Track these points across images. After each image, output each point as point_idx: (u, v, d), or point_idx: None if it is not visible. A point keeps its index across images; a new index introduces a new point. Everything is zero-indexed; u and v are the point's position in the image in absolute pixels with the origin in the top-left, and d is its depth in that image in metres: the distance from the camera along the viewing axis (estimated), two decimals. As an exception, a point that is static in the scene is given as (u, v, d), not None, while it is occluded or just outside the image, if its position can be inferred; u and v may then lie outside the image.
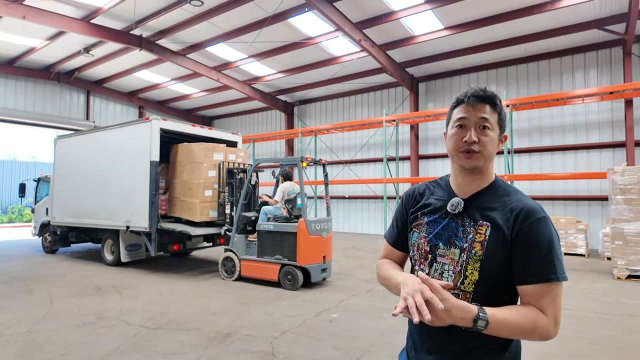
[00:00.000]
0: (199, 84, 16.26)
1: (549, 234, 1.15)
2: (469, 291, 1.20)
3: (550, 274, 1.13)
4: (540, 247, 1.14)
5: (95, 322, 4.78)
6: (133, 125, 8.17)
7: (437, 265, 1.26)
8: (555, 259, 1.14)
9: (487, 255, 1.17)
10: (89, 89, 16.81)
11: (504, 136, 1.27)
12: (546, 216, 1.17)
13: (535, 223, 1.15)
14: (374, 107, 15.44)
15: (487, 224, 1.20)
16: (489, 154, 1.22)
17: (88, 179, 8.93)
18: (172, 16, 11.04)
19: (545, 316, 1.12)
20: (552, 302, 1.13)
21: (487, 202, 1.23)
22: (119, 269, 8.20)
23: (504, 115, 1.26)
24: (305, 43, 11.97)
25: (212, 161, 7.93)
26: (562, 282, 1.14)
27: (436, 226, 1.28)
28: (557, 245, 1.16)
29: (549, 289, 1.13)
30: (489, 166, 1.25)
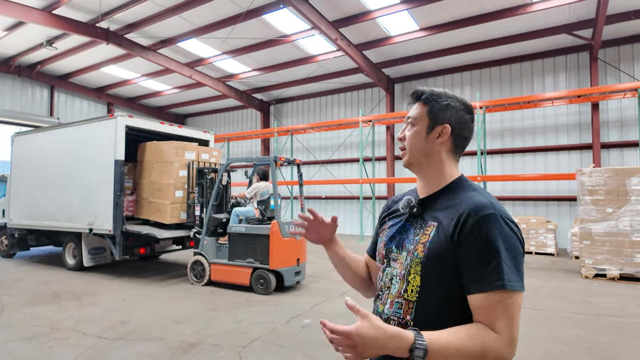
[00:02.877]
0: (170, 80, 15.73)
1: (495, 234, 0.98)
2: (412, 300, 1.07)
3: (494, 280, 0.95)
4: (485, 249, 0.97)
5: (49, 334, 4.44)
6: (97, 122, 7.75)
7: (388, 270, 1.16)
8: (504, 264, 0.96)
9: (427, 257, 1.05)
10: (52, 83, 15.96)
11: (442, 127, 1.13)
12: (494, 213, 1.00)
13: (481, 221, 0.99)
14: (351, 107, 15.38)
15: (434, 224, 1.08)
16: (412, 146, 1.15)
17: (48, 179, 8.42)
18: (141, 9, 10.58)
19: (497, 334, 0.95)
20: (503, 316, 0.95)
21: (442, 202, 1.11)
22: (81, 274, 7.75)
23: (437, 107, 1.14)
24: (280, 41, 11.75)
25: (183, 160, 7.62)
26: (518, 292, 0.96)
27: (392, 228, 1.21)
28: (506, 247, 0.97)
29: (496, 299, 0.95)
30: (436, 164, 1.14)
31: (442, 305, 1.03)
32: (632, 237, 6.83)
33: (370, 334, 0.89)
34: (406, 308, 1.07)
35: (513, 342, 0.96)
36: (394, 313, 1.10)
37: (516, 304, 0.97)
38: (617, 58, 10.83)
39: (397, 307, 1.10)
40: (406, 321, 1.07)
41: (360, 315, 0.91)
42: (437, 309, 1.03)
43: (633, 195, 6.88)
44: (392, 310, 1.11)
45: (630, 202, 6.88)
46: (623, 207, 6.92)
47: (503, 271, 0.95)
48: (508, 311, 0.96)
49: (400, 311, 1.09)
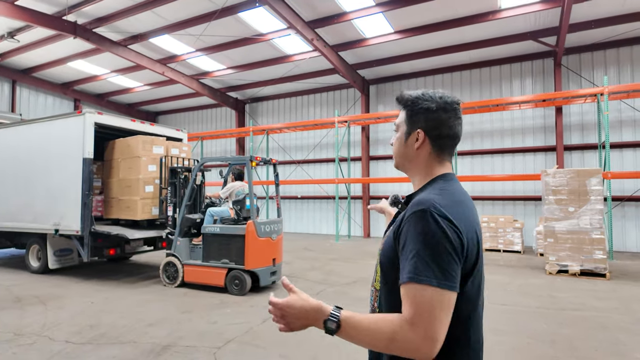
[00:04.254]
0: (142, 77, 15.29)
1: (417, 229, 0.99)
2: (377, 289, 1.18)
3: (406, 273, 0.97)
4: (406, 243, 1.01)
5: (12, 340, 4.23)
6: (64, 119, 7.44)
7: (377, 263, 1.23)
8: (417, 258, 0.96)
9: (383, 251, 1.15)
10: (14, 78, 15.15)
11: (417, 132, 1.17)
12: (425, 209, 1.00)
13: (410, 217, 1.02)
14: (327, 108, 15.45)
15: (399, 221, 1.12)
16: (396, 152, 1.23)
17: (9, 178, 8.01)
18: (111, 3, 10.24)
19: (410, 325, 0.93)
20: (415, 308, 0.94)
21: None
22: (46, 277, 7.41)
23: (416, 111, 1.18)
24: (256, 39, 11.66)
25: (151, 155, 7.41)
26: (433, 287, 0.93)
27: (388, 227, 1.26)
28: (425, 242, 0.97)
29: (408, 292, 0.96)
30: (417, 167, 1.20)
31: (394, 292, 1.05)
32: (591, 234, 7.22)
33: (297, 305, 1.03)
34: (375, 295, 1.19)
35: (429, 338, 0.93)
36: (371, 299, 1.23)
37: (432, 299, 0.93)
38: (579, 65, 11.41)
39: (371, 294, 1.23)
40: (375, 307, 1.18)
41: (291, 291, 1.06)
42: (391, 296, 1.08)
43: (592, 195, 7.27)
44: (370, 297, 1.24)
45: (590, 201, 7.27)
46: (584, 206, 7.31)
47: (415, 265, 0.96)
48: (421, 305, 0.94)
49: (372, 298, 1.22)
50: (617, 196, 10.44)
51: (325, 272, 7.89)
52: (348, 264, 8.81)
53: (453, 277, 0.96)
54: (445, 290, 0.95)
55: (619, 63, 11.01)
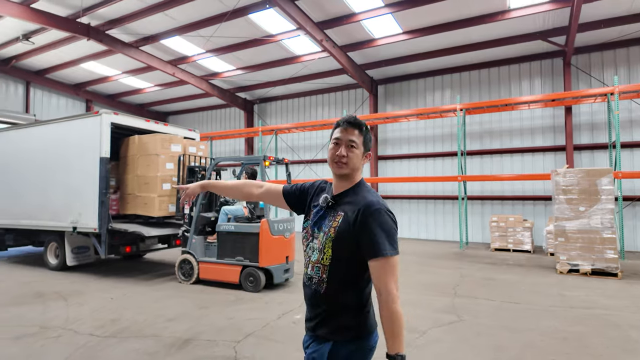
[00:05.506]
0: (152, 78, 15.50)
1: (381, 221, 1.49)
2: (326, 265, 1.57)
3: (379, 250, 1.45)
4: (372, 231, 1.47)
5: (38, 333, 4.39)
6: (81, 119, 7.61)
7: (311, 244, 1.66)
8: (382, 239, 1.47)
9: (336, 236, 1.54)
10: (28, 79, 15.44)
11: (368, 154, 1.68)
12: (380, 208, 1.51)
13: (371, 213, 1.49)
14: (335, 108, 15.55)
15: (341, 214, 1.57)
16: (354, 165, 1.61)
17: (28, 177, 8.20)
18: (125, 5, 10.41)
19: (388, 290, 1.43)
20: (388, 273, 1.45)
21: (347, 198, 1.61)
22: (64, 273, 7.60)
23: (368, 138, 1.66)
24: (265, 40, 11.79)
25: (169, 153, 7.59)
26: (392, 257, 1.46)
27: (316, 216, 1.68)
28: (385, 229, 1.48)
29: (386, 262, 1.45)
30: (355, 173, 1.64)
31: (345, 267, 1.55)
32: (602, 234, 7.24)
33: None
34: (323, 270, 1.58)
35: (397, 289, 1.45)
36: (316, 273, 1.61)
37: (392, 265, 1.46)
38: (589, 64, 11.39)
39: (317, 269, 1.60)
40: (322, 277, 1.58)
41: None
42: (343, 269, 1.55)
43: (603, 194, 7.30)
44: (313, 272, 1.62)
45: (601, 201, 7.29)
46: (594, 205, 7.34)
47: (381, 244, 1.46)
48: (388, 270, 1.45)
49: (319, 272, 1.59)
50: (628, 196, 10.41)
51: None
52: (358, 262, 8.89)
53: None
54: (397, 256, 1.49)
55: (629, 62, 10.98)
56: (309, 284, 1.64)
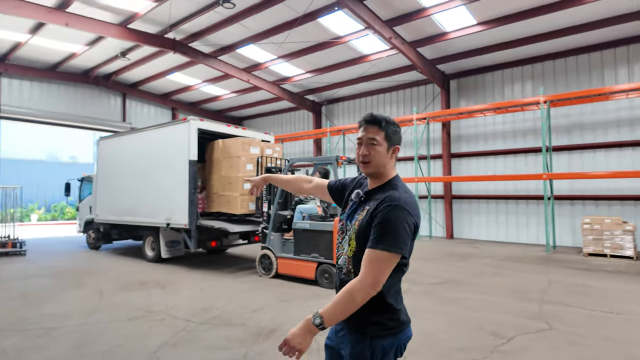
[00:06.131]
0: (229, 85, 16.57)
1: (391, 216, 1.50)
2: (350, 256, 1.65)
3: (378, 243, 1.48)
4: (377, 223, 1.52)
5: (144, 316, 4.97)
6: (172, 126, 8.43)
7: (345, 236, 1.73)
8: (388, 235, 1.48)
9: (358, 229, 1.62)
10: (125, 91, 17.45)
11: (396, 147, 1.69)
12: (398, 204, 1.52)
13: (387, 206, 1.53)
14: (404, 106, 15.27)
15: (367, 208, 1.63)
16: (377, 162, 1.64)
17: (129, 179, 9.29)
18: (205, 19, 11.29)
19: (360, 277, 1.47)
20: (371, 265, 1.47)
21: (377, 194, 1.64)
22: (159, 265, 8.49)
23: (392, 131, 1.66)
24: (334, 42, 11.98)
25: (249, 155, 8.12)
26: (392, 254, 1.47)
27: (350, 210, 1.77)
28: (395, 225, 1.49)
29: (373, 254, 1.48)
30: (383, 170, 1.67)
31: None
32: None
33: (293, 330, 1.48)
34: (349, 261, 1.66)
35: (374, 285, 1.47)
36: (343, 264, 1.70)
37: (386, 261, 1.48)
38: None
39: (345, 260, 1.69)
40: (349, 268, 1.66)
41: None
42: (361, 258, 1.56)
43: None
44: (342, 262, 1.71)
45: None
46: None
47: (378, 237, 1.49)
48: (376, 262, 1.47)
49: (346, 263, 1.68)
50: None
51: (411, 270, 7.85)
52: (432, 264, 8.68)
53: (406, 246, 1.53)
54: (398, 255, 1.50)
55: None
56: (338, 274, 1.73)
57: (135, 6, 10.64)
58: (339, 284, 1.70)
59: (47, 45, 13.08)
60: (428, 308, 5.27)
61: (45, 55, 14.12)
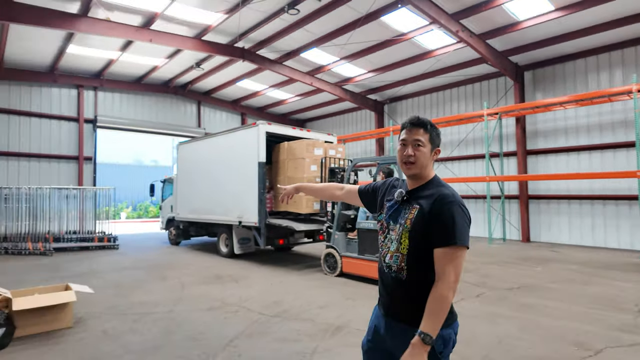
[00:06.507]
0: (293, 89, 17.10)
1: (453, 213, 1.58)
2: (404, 253, 1.70)
3: (449, 238, 1.56)
4: (443, 221, 1.58)
5: (221, 307, 5.36)
6: (242, 131, 8.96)
7: (388, 236, 1.80)
8: (456, 231, 1.56)
9: (412, 227, 1.67)
10: (199, 99, 18.83)
11: (437, 149, 1.78)
12: (454, 201, 1.61)
13: (445, 204, 1.61)
14: (472, 101, 14.56)
15: (416, 206, 1.69)
16: (421, 163, 1.72)
17: (205, 180, 10.04)
18: (271, 27, 11.78)
19: (444, 277, 1.54)
20: (450, 262, 1.54)
21: (422, 192, 1.72)
22: (232, 260, 9.06)
23: (435, 134, 1.76)
24: (397, 40, 11.81)
25: (313, 156, 8.34)
26: (464, 248, 1.57)
27: (390, 209, 1.82)
28: (459, 220, 1.57)
29: (449, 251, 1.55)
30: (425, 171, 1.74)
31: (422, 255, 1.64)
32: None
33: (407, 354, 1.52)
34: (402, 258, 1.70)
35: (457, 281, 1.55)
36: (394, 262, 1.73)
37: (460, 256, 1.56)
38: None
39: (395, 258, 1.73)
40: (402, 266, 1.70)
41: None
42: (420, 258, 1.65)
43: None
44: (392, 260, 1.74)
45: None
46: None
47: (449, 233, 1.56)
48: (454, 260, 1.55)
49: (398, 260, 1.72)
50: None
51: (481, 275, 7.51)
52: (506, 268, 8.19)
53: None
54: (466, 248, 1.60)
55: None
56: (388, 272, 1.77)
57: (208, 19, 11.44)
58: (391, 282, 1.74)
59: (133, 60, 14.57)
60: (501, 313, 5.01)
61: (132, 69, 15.74)
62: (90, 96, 16.27)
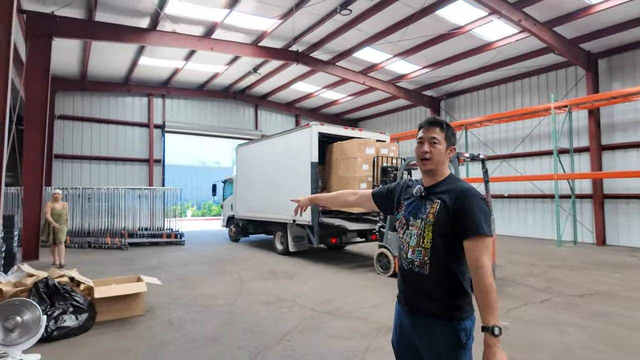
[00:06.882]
0: (346, 89, 17.15)
1: (476, 204, 1.67)
2: (427, 247, 1.74)
3: (479, 229, 1.63)
4: (469, 214, 1.66)
5: (276, 302, 5.57)
6: (296, 132, 9.19)
7: (408, 231, 1.85)
8: (482, 222, 1.64)
9: (435, 221, 1.73)
10: (256, 103, 19.61)
11: (452, 148, 1.85)
12: (475, 194, 1.71)
13: (468, 198, 1.69)
14: (537, 93, 13.57)
15: (438, 201, 1.75)
16: (437, 160, 1.81)
17: (261, 179, 10.46)
18: (324, 29, 11.93)
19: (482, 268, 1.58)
20: (483, 252, 1.60)
21: (440, 188, 1.79)
22: (287, 257, 9.34)
23: (450, 134, 1.84)
24: (453, 33, 11.37)
25: (365, 156, 8.33)
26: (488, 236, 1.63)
27: (409, 206, 1.88)
28: (481, 211, 1.66)
29: (480, 241, 1.62)
30: (441, 168, 1.83)
31: (445, 249, 1.71)
32: None
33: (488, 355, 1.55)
34: (424, 252, 1.75)
35: (490, 267, 1.61)
36: (416, 257, 1.78)
37: (489, 243, 1.64)
38: None
39: (418, 253, 1.77)
40: (425, 260, 1.74)
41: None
42: (443, 252, 1.71)
43: None
44: (414, 255, 1.79)
45: None
46: None
47: (477, 224, 1.64)
48: (483, 247, 1.61)
49: (421, 255, 1.76)
50: None
51: (547, 279, 7.01)
52: (576, 273, 7.56)
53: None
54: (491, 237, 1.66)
55: None
56: (410, 267, 1.80)
57: (264, 25, 11.87)
58: (413, 277, 1.77)
59: (197, 68, 15.54)
60: (569, 321, 4.65)
61: (196, 77, 16.80)
62: (159, 103, 17.65)
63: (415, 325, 1.79)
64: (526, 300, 5.63)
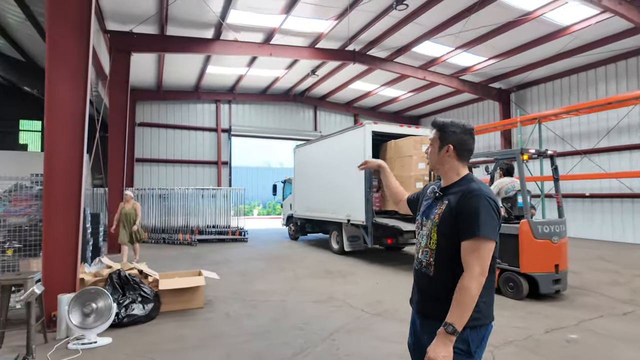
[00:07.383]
0: (405, 85, 16.70)
1: (478, 205, 1.60)
2: (433, 249, 1.72)
3: (474, 231, 1.57)
4: (468, 213, 1.61)
5: (327, 301, 5.62)
6: (350, 131, 9.18)
7: (421, 232, 1.84)
8: (479, 224, 1.57)
9: (440, 221, 1.71)
10: (315, 104, 19.91)
11: (447, 146, 1.77)
12: (480, 194, 1.63)
13: (470, 198, 1.63)
14: (627, 79, 12.02)
15: (445, 202, 1.73)
16: (432, 160, 1.84)
17: (317, 179, 10.61)
18: (380, 25, 11.74)
19: (468, 270, 1.55)
20: (473, 254, 1.56)
21: (452, 189, 1.75)
22: (342, 257, 9.37)
23: (446, 132, 1.77)
24: (522, 20, 10.50)
25: (420, 153, 8.07)
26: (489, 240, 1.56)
27: (424, 207, 1.89)
28: (485, 212, 1.58)
29: (472, 244, 1.57)
30: (444, 168, 1.80)
31: (451, 251, 1.66)
32: None
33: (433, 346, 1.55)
34: (431, 253, 1.73)
35: (482, 274, 1.55)
36: (424, 257, 1.77)
37: (486, 248, 1.57)
38: None
39: (425, 253, 1.76)
40: (430, 261, 1.73)
41: None
42: (448, 253, 1.67)
43: None
44: (423, 256, 1.78)
45: None
46: None
47: (473, 225, 1.58)
48: (475, 251, 1.56)
49: (427, 255, 1.75)
50: None
51: (632, 289, 6.20)
52: (672, 283, 6.58)
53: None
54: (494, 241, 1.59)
55: None
56: (418, 268, 1.80)
57: (320, 27, 12.02)
58: (420, 278, 1.78)
59: (259, 74, 16.21)
60: (656, 339, 4.07)
61: (258, 82, 17.53)
62: (225, 109, 18.74)
63: (424, 327, 1.77)
64: (604, 312, 5.03)
